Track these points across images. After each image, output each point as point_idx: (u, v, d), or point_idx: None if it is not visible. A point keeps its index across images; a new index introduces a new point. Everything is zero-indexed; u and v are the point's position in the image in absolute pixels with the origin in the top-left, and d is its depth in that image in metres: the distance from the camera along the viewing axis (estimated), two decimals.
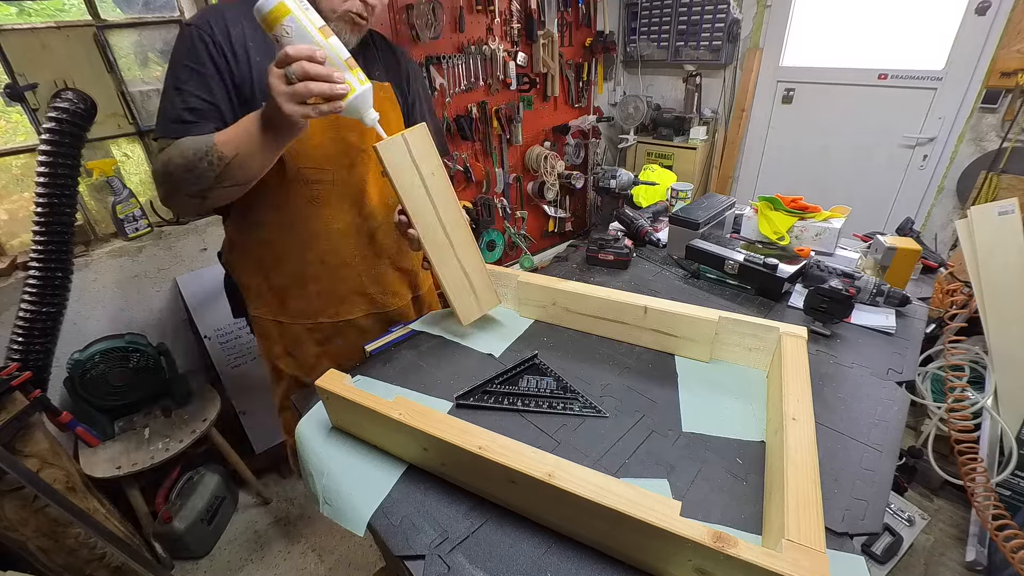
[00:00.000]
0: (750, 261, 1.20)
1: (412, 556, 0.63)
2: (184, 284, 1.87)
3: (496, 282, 1.13)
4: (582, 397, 0.86)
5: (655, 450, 0.76)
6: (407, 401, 0.72)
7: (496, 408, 0.85)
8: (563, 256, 1.41)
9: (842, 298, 1.02)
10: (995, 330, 1.57)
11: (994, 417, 1.57)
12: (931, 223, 2.63)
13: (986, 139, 2.33)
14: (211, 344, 1.92)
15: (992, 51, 2.21)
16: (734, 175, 3.29)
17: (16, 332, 1.45)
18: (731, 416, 0.83)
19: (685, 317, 0.93)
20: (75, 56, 1.62)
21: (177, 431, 1.69)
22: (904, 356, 1.00)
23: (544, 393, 0.87)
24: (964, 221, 1.59)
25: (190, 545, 1.72)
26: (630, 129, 3.33)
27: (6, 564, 1.32)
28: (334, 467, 0.76)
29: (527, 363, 0.95)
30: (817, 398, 0.80)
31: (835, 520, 0.65)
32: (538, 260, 3.47)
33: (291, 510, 1.96)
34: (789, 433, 0.65)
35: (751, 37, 2.93)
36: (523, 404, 0.85)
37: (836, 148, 2.85)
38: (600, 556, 0.62)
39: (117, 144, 1.81)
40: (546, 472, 0.59)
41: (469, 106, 2.77)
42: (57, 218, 1.45)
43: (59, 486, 1.32)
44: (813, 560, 0.50)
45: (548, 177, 3.21)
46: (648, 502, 0.55)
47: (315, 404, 0.87)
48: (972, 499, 1.52)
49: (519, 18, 2.81)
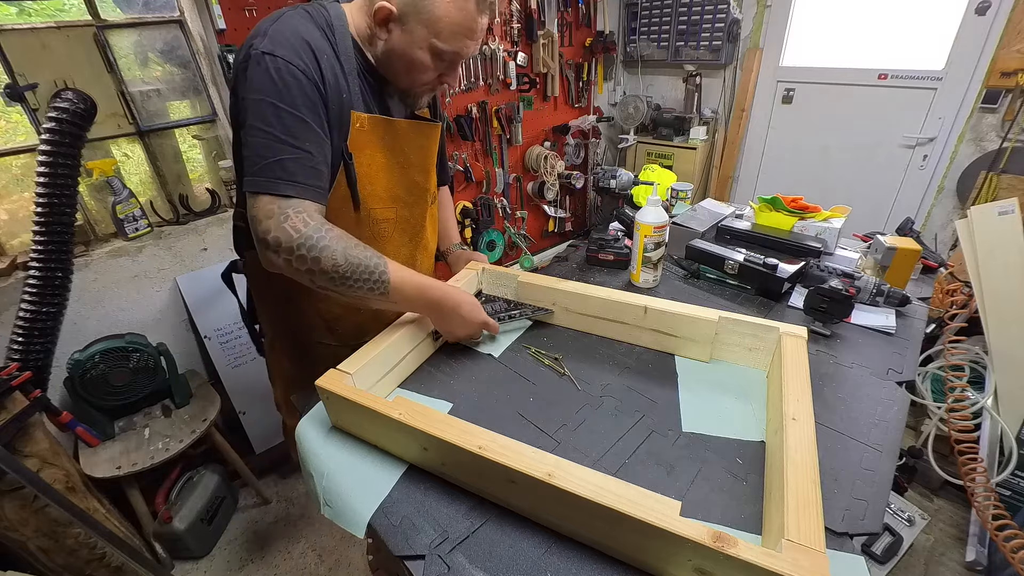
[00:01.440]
0: (750, 261, 1.20)
1: (412, 556, 0.63)
2: (184, 284, 1.87)
3: (496, 282, 1.13)
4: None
5: (655, 450, 0.76)
6: (407, 401, 0.72)
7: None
8: (563, 256, 1.41)
9: (842, 298, 1.02)
10: (995, 330, 1.57)
11: (994, 417, 1.57)
12: (931, 223, 2.63)
13: (986, 139, 2.33)
14: (211, 344, 1.92)
15: (992, 51, 2.21)
16: (734, 175, 3.29)
17: (16, 332, 1.45)
18: (731, 416, 0.83)
19: (685, 317, 0.93)
20: (75, 56, 1.62)
21: (177, 431, 1.69)
22: (904, 356, 1.00)
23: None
24: (964, 221, 1.59)
25: (190, 545, 1.72)
26: (630, 129, 3.33)
27: (6, 564, 1.32)
28: (334, 467, 0.76)
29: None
30: (817, 398, 0.80)
31: (835, 520, 0.65)
32: (538, 260, 3.47)
33: (291, 510, 1.96)
34: (789, 433, 0.65)
35: (751, 37, 2.93)
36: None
37: (836, 148, 2.86)
38: (600, 556, 0.62)
39: (117, 144, 1.81)
40: (546, 472, 0.59)
41: (469, 106, 2.77)
42: (57, 218, 1.45)
43: (59, 486, 1.32)
44: (813, 560, 0.50)
45: (548, 177, 3.21)
46: (648, 502, 0.55)
47: (315, 404, 0.87)
48: (972, 499, 1.52)
49: (519, 18, 2.81)
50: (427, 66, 0.86)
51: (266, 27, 0.81)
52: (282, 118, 0.78)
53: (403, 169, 1.00)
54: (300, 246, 0.78)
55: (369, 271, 0.82)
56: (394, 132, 0.96)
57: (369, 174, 0.94)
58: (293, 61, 0.77)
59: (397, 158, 0.98)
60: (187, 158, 1.98)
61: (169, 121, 1.88)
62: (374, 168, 0.95)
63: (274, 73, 0.77)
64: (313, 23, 0.83)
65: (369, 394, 0.74)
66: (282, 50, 0.77)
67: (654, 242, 1.17)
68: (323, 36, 0.83)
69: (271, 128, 0.78)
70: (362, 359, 0.82)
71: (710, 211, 1.58)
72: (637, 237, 1.18)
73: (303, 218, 0.79)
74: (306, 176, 0.80)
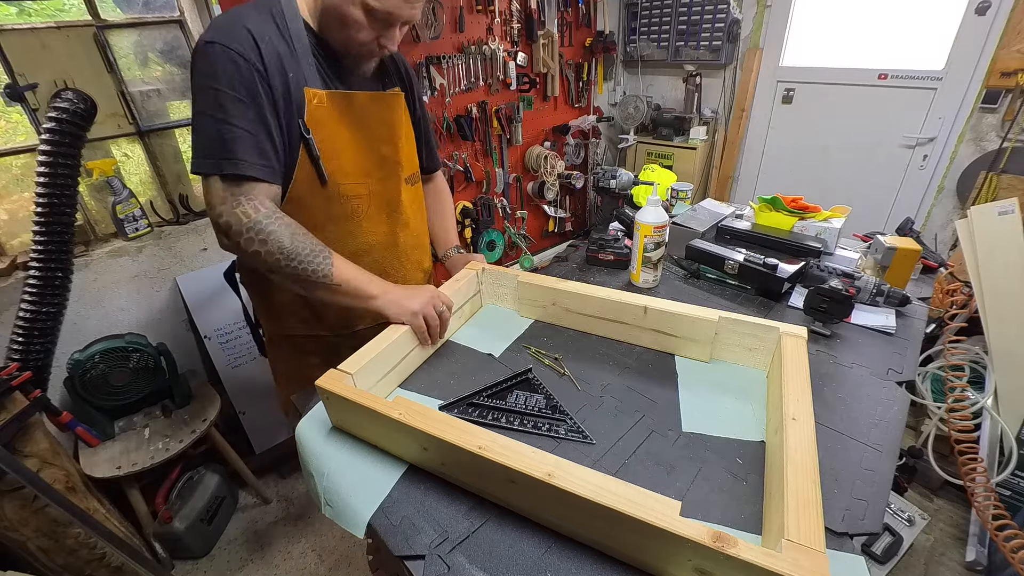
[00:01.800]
0: (750, 261, 1.20)
1: (412, 556, 0.63)
2: (184, 284, 1.87)
3: (496, 282, 1.13)
4: (570, 420, 0.82)
5: (655, 450, 0.76)
6: (407, 401, 0.72)
7: (478, 423, 0.78)
8: (563, 256, 1.41)
9: (842, 298, 1.02)
10: (995, 330, 1.57)
11: (994, 417, 1.57)
12: (931, 223, 2.63)
13: (986, 139, 2.33)
14: (211, 344, 1.92)
15: (992, 51, 2.21)
16: (734, 175, 3.29)
17: (16, 332, 1.45)
18: (731, 416, 0.83)
19: (685, 317, 0.93)
20: (75, 56, 1.62)
21: (177, 431, 1.69)
22: (904, 356, 1.00)
23: (531, 411, 0.84)
24: (964, 221, 1.59)
25: (190, 545, 1.72)
26: (630, 129, 3.33)
27: (6, 564, 1.32)
28: (334, 467, 0.76)
29: (519, 377, 0.91)
30: (817, 398, 0.80)
31: (835, 520, 0.65)
32: (538, 260, 3.47)
33: (291, 510, 1.96)
34: (789, 433, 0.65)
35: (751, 37, 2.93)
36: (507, 421, 0.82)
37: (836, 148, 2.86)
38: (600, 556, 0.62)
39: (117, 144, 1.81)
40: (546, 472, 0.59)
41: (469, 106, 2.77)
42: (57, 218, 1.45)
43: (59, 486, 1.32)
44: (813, 560, 0.50)
45: (548, 177, 3.21)
46: (648, 502, 0.55)
47: (315, 405, 0.87)
48: (972, 499, 1.52)
49: (519, 18, 2.81)
50: (361, 23, 0.87)
51: (213, 21, 0.86)
52: (223, 101, 0.81)
53: (369, 143, 1.01)
54: (249, 230, 0.83)
55: (313, 254, 0.87)
56: (354, 106, 0.97)
57: (334, 148, 0.95)
58: (231, 46, 0.81)
59: (362, 131, 0.99)
60: (187, 158, 1.98)
61: (169, 121, 1.88)
62: (339, 143, 0.96)
63: (213, 59, 0.81)
64: (256, 11, 0.87)
65: (369, 394, 0.74)
66: (220, 36, 0.81)
67: (654, 242, 1.17)
68: (268, 21, 0.86)
69: (214, 112, 0.82)
70: (362, 359, 0.82)
71: (710, 211, 1.58)
72: (637, 237, 1.18)
73: (254, 204, 0.84)
74: (250, 155, 0.84)
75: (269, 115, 0.85)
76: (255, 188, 0.85)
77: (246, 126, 0.83)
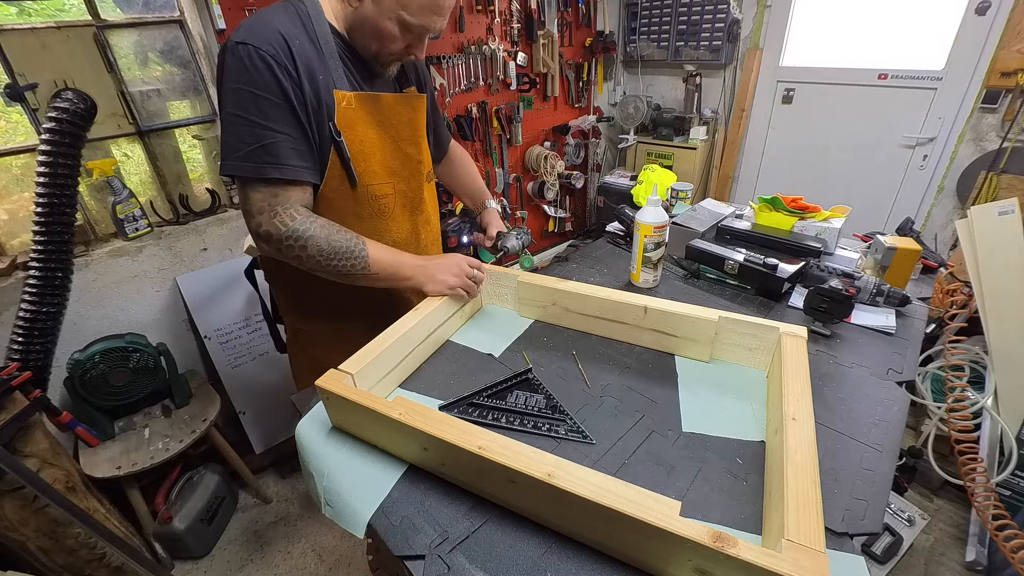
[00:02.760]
0: (750, 261, 1.20)
1: (412, 556, 0.63)
2: (184, 284, 1.87)
3: (496, 282, 1.13)
4: (570, 420, 0.82)
5: (655, 450, 0.76)
6: (407, 401, 0.72)
7: (478, 423, 0.78)
8: (563, 256, 1.41)
9: (842, 298, 1.02)
10: (995, 330, 1.57)
11: (994, 417, 1.57)
12: (931, 223, 2.63)
13: (986, 139, 2.33)
14: (211, 344, 1.92)
15: (992, 51, 2.21)
16: (734, 175, 3.29)
17: (16, 332, 1.45)
18: (731, 416, 0.83)
19: (685, 317, 0.93)
20: (75, 56, 1.62)
21: (177, 431, 1.69)
22: (904, 356, 1.00)
23: (531, 411, 0.84)
24: (964, 221, 1.59)
25: (190, 545, 1.72)
26: (630, 129, 3.33)
27: (6, 564, 1.32)
28: (334, 467, 0.76)
29: (519, 377, 0.91)
30: (817, 398, 0.80)
31: (835, 520, 0.65)
32: (538, 260, 3.47)
33: (291, 510, 1.96)
34: (789, 433, 0.65)
35: (751, 37, 2.93)
36: (507, 421, 0.82)
37: (836, 148, 2.85)
38: (600, 556, 0.62)
39: (117, 144, 1.81)
40: (546, 472, 0.59)
41: (469, 106, 2.77)
42: (57, 218, 1.45)
43: (59, 486, 1.32)
44: (813, 560, 0.50)
45: (548, 177, 3.21)
46: (648, 502, 0.55)
47: (315, 405, 0.87)
48: (972, 499, 1.52)
49: (519, 18, 2.81)
50: (395, 36, 0.90)
51: (244, 22, 0.86)
52: (259, 104, 0.83)
53: (395, 143, 1.03)
54: (288, 237, 0.88)
55: (350, 250, 0.91)
56: (381, 107, 0.98)
57: (363, 150, 0.97)
58: (263, 47, 0.81)
59: (388, 132, 1.01)
60: (187, 158, 1.98)
61: (169, 121, 1.88)
62: (367, 144, 0.97)
63: (247, 60, 0.81)
64: (285, 13, 0.87)
65: (369, 394, 0.74)
66: (252, 38, 0.82)
67: (654, 242, 1.17)
68: (297, 24, 0.87)
69: (251, 115, 0.83)
70: (363, 359, 0.82)
71: (710, 211, 1.58)
72: (637, 237, 1.18)
73: (290, 213, 0.88)
74: (290, 158, 0.86)
75: (302, 117, 0.87)
76: (291, 195, 0.89)
77: (283, 128, 0.85)
